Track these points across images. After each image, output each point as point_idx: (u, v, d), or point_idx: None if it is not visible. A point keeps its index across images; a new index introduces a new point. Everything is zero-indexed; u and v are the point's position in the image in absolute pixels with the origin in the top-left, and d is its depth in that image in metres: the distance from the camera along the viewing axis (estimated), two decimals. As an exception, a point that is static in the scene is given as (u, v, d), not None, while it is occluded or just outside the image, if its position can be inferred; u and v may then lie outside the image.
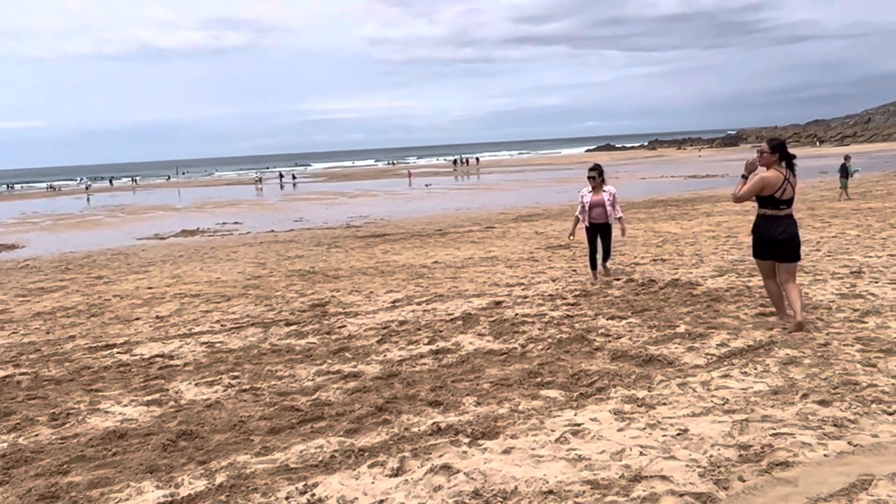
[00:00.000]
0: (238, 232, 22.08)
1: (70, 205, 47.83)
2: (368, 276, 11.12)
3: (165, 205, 41.46)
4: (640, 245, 12.57)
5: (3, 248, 21.05)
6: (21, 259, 17.56)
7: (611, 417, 4.49)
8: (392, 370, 5.78)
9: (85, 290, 11.60)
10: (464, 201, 30.12)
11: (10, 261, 17.34)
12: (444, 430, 4.39)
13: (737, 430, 4.17)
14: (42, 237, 24.69)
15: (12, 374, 6.54)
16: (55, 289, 11.90)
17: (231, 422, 4.76)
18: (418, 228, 18.83)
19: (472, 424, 4.46)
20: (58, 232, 26.65)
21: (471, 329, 7.11)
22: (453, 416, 4.66)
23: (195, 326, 8.16)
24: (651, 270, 9.82)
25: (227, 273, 12.48)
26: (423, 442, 4.24)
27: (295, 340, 7.12)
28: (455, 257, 12.65)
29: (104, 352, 7.18)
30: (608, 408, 4.65)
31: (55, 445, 4.57)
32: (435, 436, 4.32)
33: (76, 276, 13.35)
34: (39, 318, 9.30)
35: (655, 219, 17.19)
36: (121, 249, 18.51)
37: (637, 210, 20.00)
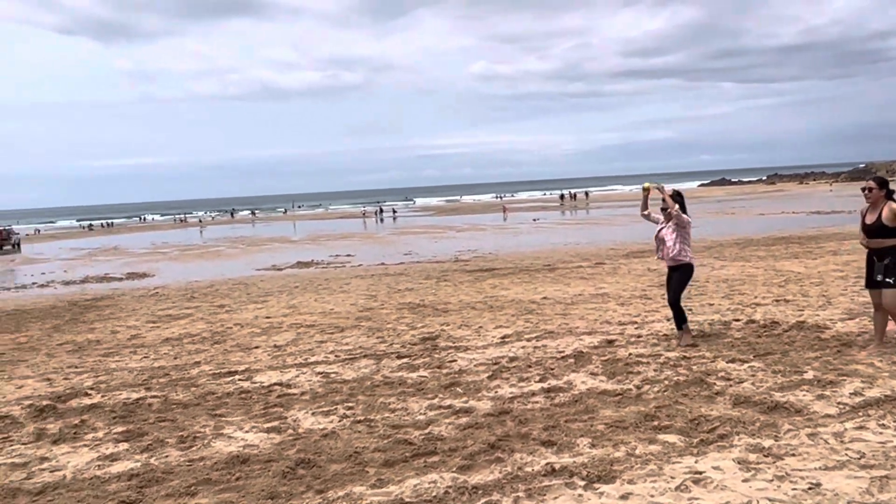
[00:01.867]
0: (350, 264, 22.68)
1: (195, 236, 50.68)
2: (477, 310, 11.15)
3: (282, 237, 43.20)
4: (760, 284, 12.02)
5: (136, 277, 22.48)
6: (151, 287, 18.69)
7: (735, 467, 4.28)
8: (503, 407, 5.75)
9: (209, 317, 12.20)
10: (572, 236, 29.81)
11: (141, 288, 18.49)
12: (558, 471, 4.31)
13: (876, 488, 3.88)
14: (170, 266, 26.22)
15: (144, 396, 6.94)
16: (182, 316, 12.57)
17: (346, 452, 4.86)
18: (526, 263, 18.76)
19: (587, 467, 4.36)
20: (184, 262, 28.24)
21: (583, 368, 6.99)
22: (567, 457, 4.57)
23: (311, 356, 8.41)
24: (773, 311, 9.37)
25: (340, 304, 12.82)
26: (538, 483, 4.18)
27: (407, 373, 7.21)
28: (564, 293, 12.51)
29: (227, 378, 7.50)
30: (731, 456, 4.44)
31: (183, 467, 4.80)
32: (549, 477, 4.25)
33: (200, 305, 14.07)
34: (168, 344, 9.84)
35: (776, 257, 16.42)
36: (241, 279, 19.38)
37: (756, 247, 19.18)
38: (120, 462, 5.00)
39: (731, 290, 11.55)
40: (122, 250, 38.40)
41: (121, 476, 4.70)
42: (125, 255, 33.78)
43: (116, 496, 4.34)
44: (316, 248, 31.76)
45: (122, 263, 28.76)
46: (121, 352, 9.49)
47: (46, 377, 8.16)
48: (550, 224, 40.98)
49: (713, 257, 17.15)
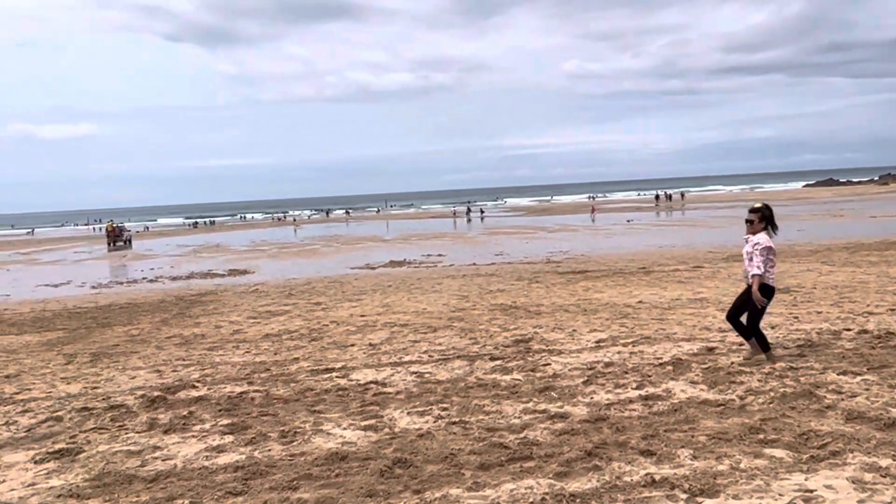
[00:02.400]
0: (441, 264, 22.85)
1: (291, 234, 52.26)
2: (571, 313, 11.02)
3: (374, 236, 44.00)
4: (873, 292, 11.37)
5: (237, 273, 23.38)
6: (252, 284, 19.39)
7: (849, 486, 4.07)
8: (600, 414, 5.66)
9: (306, 315, 12.54)
10: (668, 238, 29.04)
11: (242, 285, 19.21)
12: (658, 482, 4.21)
13: None
14: (269, 264, 27.13)
15: (247, 390, 7.20)
16: (281, 313, 12.98)
17: (442, 453, 4.89)
18: (620, 265, 18.41)
19: (688, 479, 4.23)
20: (282, 259, 29.16)
21: (682, 375, 6.79)
22: (668, 468, 4.45)
23: (405, 355, 8.52)
24: (889, 321, 8.84)
25: (433, 304, 12.93)
26: (637, 493, 4.09)
27: (500, 376, 7.20)
28: (661, 297, 12.20)
29: (324, 375, 7.69)
30: (845, 475, 4.22)
31: (285, 462, 4.95)
32: (649, 488, 4.15)
33: (298, 302, 14.49)
34: (268, 340, 10.18)
35: (890, 262, 15.49)
36: (336, 277, 19.84)
37: (868, 252, 18.16)
38: (226, 454, 5.21)
39: (840, 297, 10.98)
40: (224, 248, 40.02)
41: (227, 467, 4.89)
42: (227, 253, 35.19)
43: (223, 487, 4.52)
44: (408, 247, 32.16)
45: (224, 260, 29.97)
46: (224, 346, 9.89)
47: (157, 369, 8.58)
48: (645, 225, 40.07)
49: (820, 262, 16.35)
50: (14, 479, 4.97)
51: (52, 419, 6.50)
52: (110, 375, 8.35)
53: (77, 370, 8.78)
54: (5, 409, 6.99)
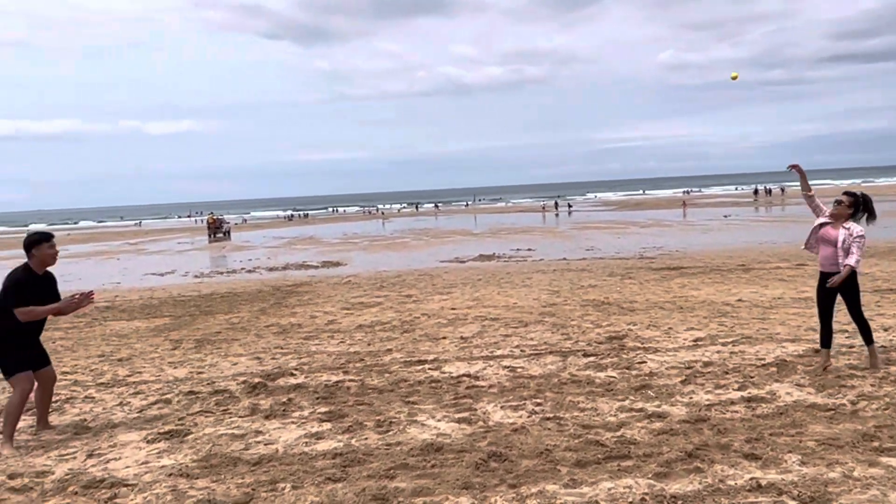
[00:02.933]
0: (531, 258, 22.72)
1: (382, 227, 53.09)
2: (666, 310, 10.74)
3: (464, 230, 44.15)
4: None
5: (331, 265, 23.94)
6: (344, 275, 19.81)
7: (977, 501, 3.80)
8: (700, 414, 5.49)
9: (397, 306, 12.71)
10: (768, 234, 27.91)
11: (335, 277, 19.65)
12: (764, 487, 4.05)
13: None
14: (360, 256, 27.66)
15: (343, 379, 7.36)
16: (373, 304, 13.20)
17: (537, 449, 4.86)
18: (718, 262, 17.81)
19: (797, 486, 4.05)
20: (373, 252, 29.67)
21: (787, 377, 6.51)
22: (774, 473, 4.27)
23: (496, 349, 8.51)
24: None
25: (523, 299, 12.86)
26: (742, 498, 3.94)
27: (594, 372, 7.09)
28: (762, 296, 11.74)
29: (417, 367, 7.78)
30: (972, 489, 3.95)
31: (381, 450, 5.04)
32: (755, 493, 4.00)
33: (389, 294, 14.70)
34: (361, 331, 10.37)
35: None
36: (426, 270, 20.03)
37: None
38: (324, 441, 5.34)
39: (962, 299, 10.27)
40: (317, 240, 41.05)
41: (326, 454, 5.01)
42: (320, 245, 36.09)
43: (323, 473, 4.63)
44: (497, 241, 32.13)
45: (318, 252, 30.75)
46: (319, 335, 10.14)
47: (256, 356, 8.89)
48: (743, 221, 38.63)
49: None
50: (129, 456, 5.25)
51: (162, 401, 6.83)
52: (214, 361, 8.70)
53: (183, 355, 9.20)
54: (119, 390, 7.39)
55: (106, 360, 9.16)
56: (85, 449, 5.45)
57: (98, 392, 7.37)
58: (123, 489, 4.58)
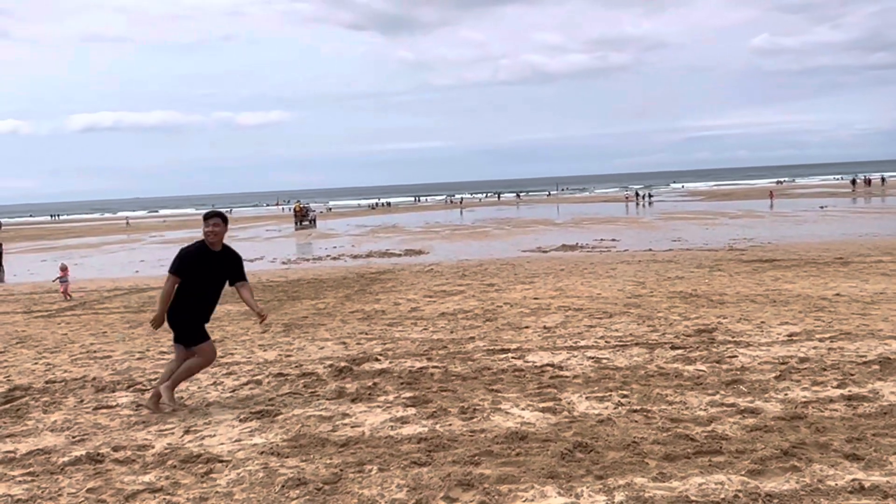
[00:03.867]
0: (615, 249, 22.33)
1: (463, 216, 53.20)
2: (758, 304, 10.36)
3: (546, 219, 43.79)
4: None
5: (413, 253, 24.18)
6: (426, 264, 19.96)
7: None
8: (796, 412, 5.27)
9: (479, 295, 12.72)
10: (868, 227, 26.53)
11: (418, 265, 19.83)
12: (868, 489, 3.85)
13: None
14: (442, 245, 27.81)
15: (426, 366, 7.42)
16: (455, 292, 13.26)
17: (624, 441, 4.77)
18: (813, 255, 17.06)
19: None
20: (454, 241, 29.79)
21: (891, 376, 6.17)
22: (878, 475, 4.06)
23: (580, 340, 8.41)
24: None
25: (607, 289, 12.66)
26: (843, 499, 3.77)
27: (682, 366, 6.91)
28: (862, 290, 11.17)
29: (500, 355, 7.76)
30: None
31: (466, 437, 5.05)
32: (857, 495, 3.81)
33: (471, 283, 14.73)
34: (444, 318, 10.43)
35: None
36: (508, 260, 19.96)
37: None
38: (409, 425, 5.40)
39: None
40: (400, 228, 41.54)
41: (411, 438, 5.07)
42: (402, 233, 36.50)
43: (409, 457, 4.68)
44: (580, 231, 31.72)
45: (400, 240, 31.11)
46: (403, 322, 10.25)
47: (342, 341, 9.07)
48: (840, 212, 36.85)
49: None
50: (223, 434, 5.44)
51: (253, 382, 7.06)
52: (301, 345, 8.92)
53: (272, 339, 9.47)
54: (213, 370, 7.67)
55: (200, 341, 9.53)
56: (182, 425, 5.69)
57: (193, 372, 7.66)
58: (218, 465, 4.75)
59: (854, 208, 40.47)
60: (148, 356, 8.73)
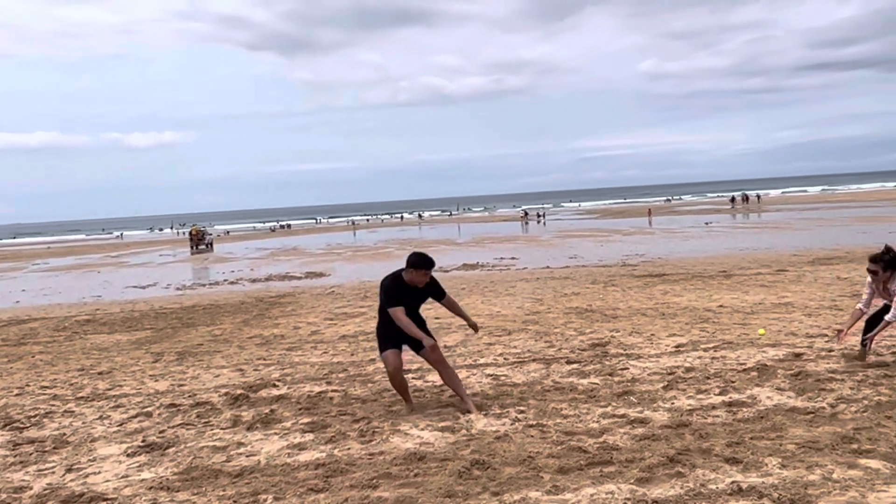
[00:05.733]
0: (514, 267, 22.76)
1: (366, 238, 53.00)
2: (648, 317, 10.80)
3: (447, 239, 44.17)
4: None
5: (314, 276, 23.86)
6: (328, 286, 19.74)
7: (953, 501, 3.84)
8: (682, 419, 5.52)
9: (381, 316, 12.66)
10: (749, 241, 28.14)
11: (319, 287, 19.59)
12: (745, 491, 4.07)
13: None
14: (344, 266, 27.58)
15: (325, 390, 7.33)
16: (356, 314, 13.17)
17: (520, 456, 4.86)
18: (699, 269, 17.94)
19: (777, 489, 4.08)
20: (357, 262, 29.60)
21: (767, 382, 6.56)
22: (755, 476, 4.30)
23: (480, 358, 8.52)
24: None
25: (507, 307, 12.89)
26: (723, 502, 3.96)
27: (577, 379, 7.11)
28: (743, 301, 11.83)
29: (401, 376, 7.74)
30: (949, 489, 3.99)
31: (364, 460, 5.01)
32: (736, 496, 4.02)
33: (373, 304, 14.65)
34: (345, 341, 10.34)
35: None
36: (410, 280, 19.97)
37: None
38: (307, 451, 5.31)
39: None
40: (301, 251, 40.91)
41: (308, 465, 4.98)
42: (303, 256, 35.96)
43: (305, 484, 4.60)
44: (480, 250, 32.16)
45: (301, 263, 30.63)
46: (302, 346, 10.09)
47: (239, 368, 8.83)
48: (724, 228, 38.95)
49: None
50: (108, 470, 5.19)
51: (143, 414, 6.77)
52: (196, 373, 8.63)
53: (164, 368, 9.12)
54: (99, 403, 7.32)
55: (86, 373, 9.07)
56: (64, 463, 5.39)
57: (78, 406, 7.29)
58: (103, 503, 4.53)
59: (735, 224, 42.87)
60: (28, 391, 8.22)
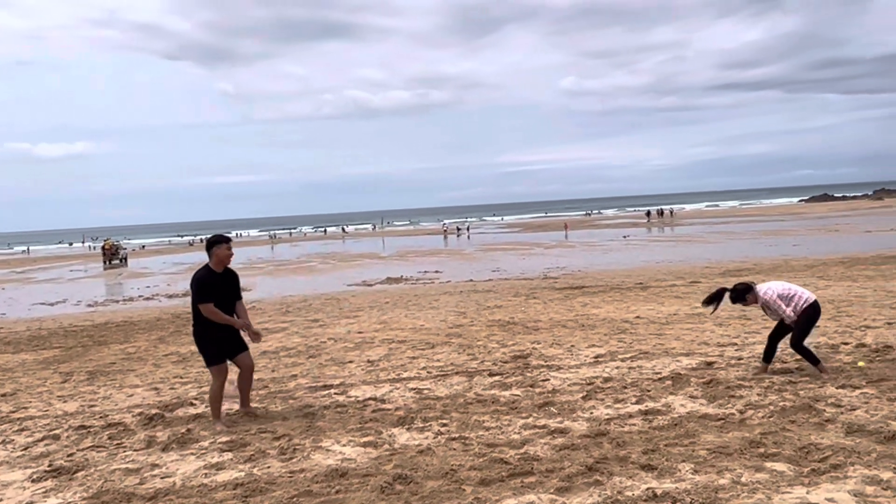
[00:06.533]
0: (438, 280, 22.85)
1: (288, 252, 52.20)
2: (569, 328, 11.01)
3: (371, 253, 43.98)
4: (869, 306, 11.40)
5: (234, 291, 23.32)
6: (249, 301, 19.33)
7: (850, 499, 4.06)
8: (600, 429, 5.64)
9: (303, 332, 12.51)
10: (664, 254, 29.10)
11: (239, 302, 19.15)
12: (660, 496, 4.19)
13: None
14: (265, 281, 27.09)
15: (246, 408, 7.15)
16: (278, 330, 12.95)
17: (443, 469, 4.87)
18: (617, 281, 18.43)
19: (690, 494, 4.22)
20: (278, 277, 29.12)
21: (681, 390, 6.79)
22: (669, 482, 4.44)
23: (403, 372, 8.50)
24: (886, 335, 8.86)
25: (431, 321, 12.92)
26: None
27: (499, 391, 7.18)
28: (658, 312, 12.21)
29: (323, 392, 7.67)
30: (846, 488, 4.21)
31: (285, 478, 4.92)
32: (650, 502, 4.14)
33: (295, 319, 14.46)
34: (265, 357, 10.14)
35: (886, 276, 15.54)
36: (333, 294, 19.82)
37: (864, 266, 18.23)
38: (225, 471, 5.17)
39: (837, 311, 11.00)
40: (221, 265, 39.89)
41: (226, 485, 4.85)
42: (223, 270, 35.09)
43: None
44: (404, 264, 32.16)
45: (221, 278, 29.87)
46: (222, 363, 9.82)
47: (154, 386, 8.54)
48: (641, 241, 40.15)
49: (816, 277, 16.40)
50: (11, 498, 4.92)
51: (49, 437, 6.46)
52: (107, 394, 8.31)
53: (74, 388, 8.74)
54: (1, 427, 6.94)
55: (-13, 395, 8.59)
56: (-38, 492, 5.09)
57: (-22, 430, 6.89)
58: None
59: (651, 237, 44.26)
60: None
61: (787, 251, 26.09)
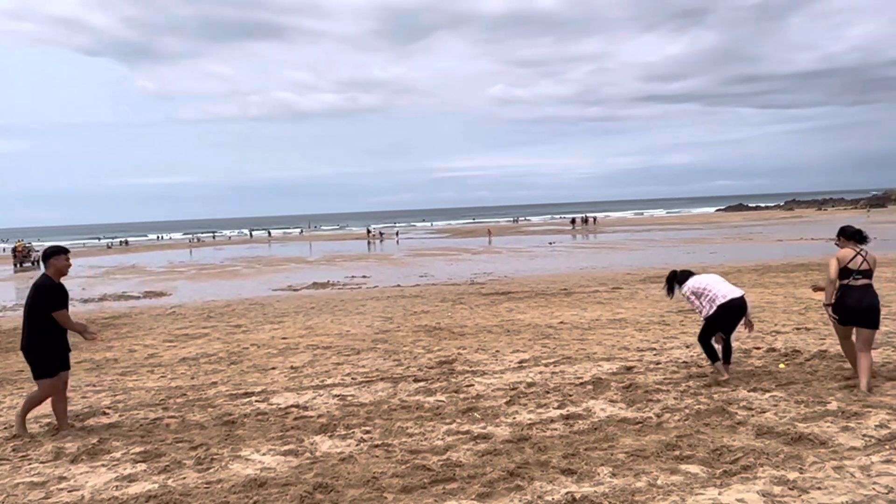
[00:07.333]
0: (366, 286, 22.69)
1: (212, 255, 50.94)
2: (494, 334, 11.10)
3: (298, 257, 43.33)
4: (780, 312, 11.90)
5: (153, 295, 22.61)
6: (168, 306, 18.77)
7: (759, 499, 4.21)
8: (522, 434, 5.70)
9: (225, 337, 12.22)
10: (588, 260, 29.70)
11: (158, 307, 18.58)
12: (579, 500, 4.25)
13: (906, 524, 3.80)
14: (187, 286, 26.34)
15: (161, 416, 6.94)
16: (199, 336, 12.60)
17: (364, 477, 4.82)
18: (542, 287, 18.70)
19: (608, 497, 4.30)
20: (201, 281, 28.36)
21: (601, 394, 6.92)
22: (588, 486, 4.51)
23: (327, 378, 8.39)
24: (794, 340, 9.26)
25: (357, 326, 12.81)
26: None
27: (424, 397, 7.17)
28: (582, 318, 12.44)
29: (244, 399, 7.49)
30: (756, 488, 4.37)
31: (201, 489, 4.78)
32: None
33: (217, 324, 14.11)
34: (185, 364, 9.86)
35: (796, 283, 16.27)
36: (257, 300, 19.43)
37: (775, 274, 19.02)
38: (138, 483, 4.99)
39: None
40: (140, 269, 38.66)
41: (138, 498, 4.68)
42: (143, 274, 34.01)
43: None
44: (332, 269, 31.82)
45: (140, 282, 28.95)
46: (138, 371, 9.52)
47: (65, 395, 8.16)
48: (566, 248, 40.88)
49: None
50: None
51: (-53, 451, 6.10)
52: (13, 403, 7.90)
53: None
54: None
55: None
56: None
57: None
58: None
59: (576, 244, 45.11)
60: None
61: (704, 258, 27.00)
